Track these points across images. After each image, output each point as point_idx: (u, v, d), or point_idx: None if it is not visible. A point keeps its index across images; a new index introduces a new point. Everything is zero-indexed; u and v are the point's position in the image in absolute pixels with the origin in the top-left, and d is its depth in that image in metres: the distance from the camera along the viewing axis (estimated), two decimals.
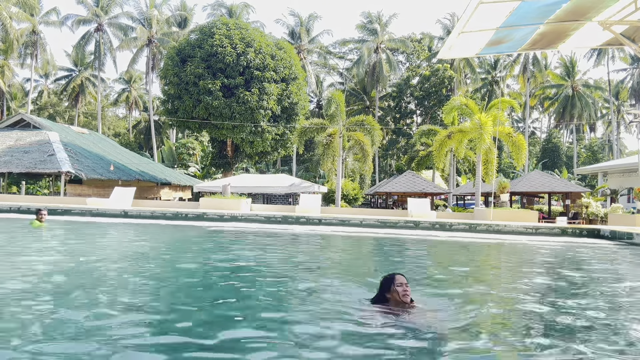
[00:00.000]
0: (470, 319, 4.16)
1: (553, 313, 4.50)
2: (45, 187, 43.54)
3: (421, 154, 37.22)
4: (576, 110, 54.63)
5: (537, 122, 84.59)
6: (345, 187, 35.47)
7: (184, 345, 3.18)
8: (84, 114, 67.26)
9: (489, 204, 26.68)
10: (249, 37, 31.58)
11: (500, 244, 12.21)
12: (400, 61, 60.76)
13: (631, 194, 30.47)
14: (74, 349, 3.04)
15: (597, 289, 6.17)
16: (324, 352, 3.13)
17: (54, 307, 4.19)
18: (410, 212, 19.19)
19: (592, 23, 12.05)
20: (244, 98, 30.15)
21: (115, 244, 10.19)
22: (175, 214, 17.13)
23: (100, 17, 50.31)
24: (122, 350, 3.03)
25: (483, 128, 21.85)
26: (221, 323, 3.80)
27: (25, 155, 28.39)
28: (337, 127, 27.84)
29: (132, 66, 55.63)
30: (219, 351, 3.11)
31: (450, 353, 3.20)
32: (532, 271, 7.89)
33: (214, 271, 6.80)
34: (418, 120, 59.41)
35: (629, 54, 54.89)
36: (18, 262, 6.77)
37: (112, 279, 5.85)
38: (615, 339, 3.68)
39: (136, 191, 22.18)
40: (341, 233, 13.90)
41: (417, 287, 5.79)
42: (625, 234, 13.17)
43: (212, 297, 4.86)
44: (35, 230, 11.15)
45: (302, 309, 4.38)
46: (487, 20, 11.37)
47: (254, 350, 3.11)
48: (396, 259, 9.09)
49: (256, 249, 9.68)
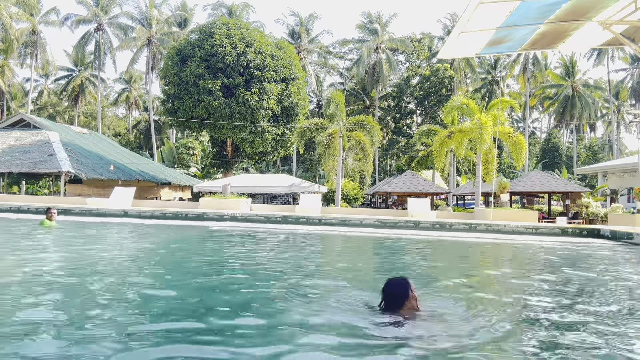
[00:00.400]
0: (479, 320, 4.15)
1: (556, 313, 4.50)
2: (45, 187, 43.54)
3: (421, 154, 37.21)
4: (576, 110, 54.62)
5: (537, 122, 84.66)
6: (345, 187, 35.47)
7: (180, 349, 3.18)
8: (84, 114, 67.26)
9: (489, 204, 26.69)
10: (249, 37, 31.59)
11: (500, 244, 12.21)
12: (400, 61, 60.75)
13: (631, 194, 30.47)
14: (87, 346, 3.04)
15: (596, 289, 6.17)
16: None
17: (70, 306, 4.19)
18: (410, 212, 19.19)
19: (592, 23, 12.06)
20: (244, 98, 30.15)
21: (120, 244, 10.20)
22: (175, 214, 17.13)
23: (100, 17, 50.30)
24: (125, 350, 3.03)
25: (483, 128, 21.85)
26: (221, 328, 3.80)
27: (25, 155, 28.39)
28: (337, 127, 27.84)
29: (132, 66, 55.66)
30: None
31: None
32: (532, 271, 7.90)
33: (213, 271, 6.79)
34: (418, 120, 59.41)
35: (629, 54, 54.90)
36: (29, 260, 6.77)
37: (113, 279, 5.85)
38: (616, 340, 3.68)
39: (136, 191, 22.19)
40: (341, 233, 13.90)
41: (422, 288, 5.80)
42: (625, 234, 13.17)
43: (212, 297, 4.86)
44: (48, 229, 11.12)
45: (308, 320, 4.06)
46: (487, 20, 11.37)
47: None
48: (396, 259, 9.09)
49: (256, 250, 9.68)
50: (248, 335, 3.51)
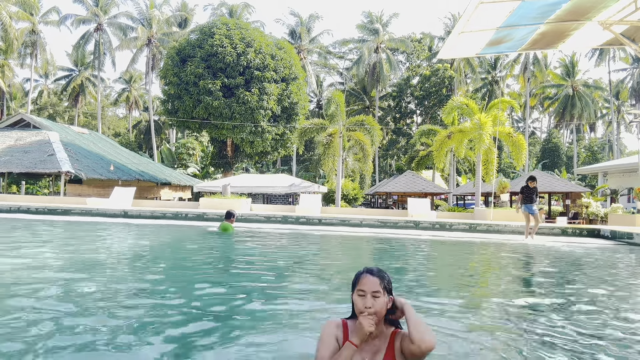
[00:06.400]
0: (476, 320, 4.15)
1: (555, 314, 4.49)
2: (45, 187, 43.56)
3: (421, 154, 37.22)
4: (576, 110, 54.64)
5: (537, 122, 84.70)
6: (345, 187, 35.48)
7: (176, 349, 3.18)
8: (84, 114, 67.29)
9: (489, 204, 26.68)
10: (249, 37, 31.59)
11: (500, 244, 12.20)
12: (400, 61, 60.76)
13: (631, 194, 30.45)
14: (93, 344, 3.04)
15: (597, 289, 6.17)
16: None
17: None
18: (410, 212, 19.19)
19: (592, 23, 12.05)
20: (244, 98, 30.16)
21: (122, 244, 10.19)
22: (175, 214, 17.13)
23: (100, 16, 50.31)
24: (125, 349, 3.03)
25: (483, 128, 21.85)
26: (220, 327, 3.79)
27: (25, 155, 28.40)
28: (337, 127, 27.84)
29: (132, 66, 55.65)
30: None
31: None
32: (532, 271, 7.89)
33: (213, 273, 6.79)
34: (418, 120, 59.43)
35: (630, 54, 54.91)
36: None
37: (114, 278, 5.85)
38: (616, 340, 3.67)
39: (136, 191, 22.20)
40: (341, 233, 13.89)
41: (418, 289, 5.80)
42: (625, 234, 13.17)
43: (210, 299, 4.86)
44: (229, 235, 10.93)
45: (301, 319, 4.25)
46: (487, 20, 11.36)
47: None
48: (396, 259, 9.09)
49: (256, 249, 9.67)
50: (244, 335, 3.50)
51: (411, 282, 6.18)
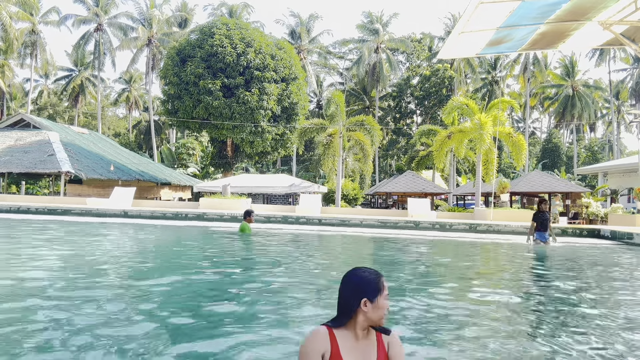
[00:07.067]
0: (476, 320, 4.15)
1: (555, 313, 4.49)
2: (45, 187, 43.55)
3: (421, 154, 37.20)
4: (576, 110, 54.61)
5: (537, 122, 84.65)
6: (345, 187, 35.46)
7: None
8: (84, 114, 67.27)
9: (489, 204, 26.67)
10: (249, 37, 31.59)
11: (501, 244, 12.20)
12: (400, 61, 60.73)
13: (631, 194, 30.45)
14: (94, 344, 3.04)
15: (596, 289, 6.17)
16: None
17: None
18: (410, 212, 19.18)
19: (592, 23, 12.04)
20: (244, 98, 30.15)
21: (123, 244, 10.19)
22: (175, 214, 17.13)
23: (100, 16, 50.28)
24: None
25: (483, 128, 21.84)
26: (220, 327, 3.79)
27: (25, 155, 28.39)
28: (337, 127, 27.83)
29: (132, 66, 55.60)
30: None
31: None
32: (531, 271, 7.89)
33: (213, 272, 6.79)
34: (418, 120, 59.39)
35: (631, 55, 54.88)
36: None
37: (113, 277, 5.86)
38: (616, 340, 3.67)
39: (136, 191, 22.19)
40: (341, 233, 13.89)
41: (420, 287, 5.80)
42: (625, 234, 13.17)
43: (211, 299, 4.86)
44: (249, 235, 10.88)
45: (305, 317, 4.27)
46: (487, 20, 11.36)
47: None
48: (396, 259, 9.08)
49: (255, 249, 9.67)
50: (243, 334, 3.50)
51: (411, 282, 6.18)
